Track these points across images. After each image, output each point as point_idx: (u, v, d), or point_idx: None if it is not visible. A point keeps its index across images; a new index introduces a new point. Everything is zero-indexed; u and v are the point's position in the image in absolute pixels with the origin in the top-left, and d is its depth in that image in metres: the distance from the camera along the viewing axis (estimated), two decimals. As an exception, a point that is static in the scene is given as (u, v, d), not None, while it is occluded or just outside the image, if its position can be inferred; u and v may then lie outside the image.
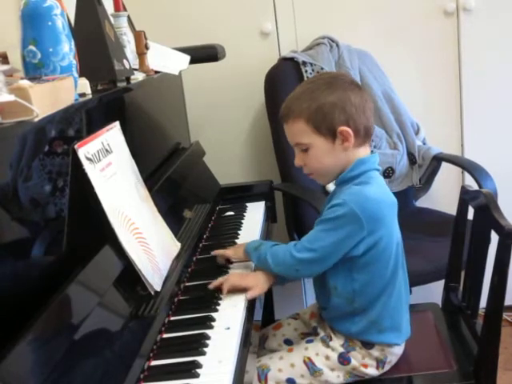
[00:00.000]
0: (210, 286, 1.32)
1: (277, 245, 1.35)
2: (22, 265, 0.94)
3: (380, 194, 1.27)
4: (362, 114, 1.27)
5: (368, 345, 1.32)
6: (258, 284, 1.32)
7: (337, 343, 1.34)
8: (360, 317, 1.31)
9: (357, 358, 1.33)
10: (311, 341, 1.38)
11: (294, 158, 1.34)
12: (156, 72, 1.73)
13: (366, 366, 1.33)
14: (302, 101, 1.28)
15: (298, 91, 1.32)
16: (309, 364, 1.33)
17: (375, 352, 1.33)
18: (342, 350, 1.33)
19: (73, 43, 1.16)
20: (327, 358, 1.33)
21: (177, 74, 1.82)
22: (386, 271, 1.29)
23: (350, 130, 1.25)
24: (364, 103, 1.28)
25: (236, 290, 1.30)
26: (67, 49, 1.13)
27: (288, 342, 1.49)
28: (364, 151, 1.31)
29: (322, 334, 1.38)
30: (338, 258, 1.26)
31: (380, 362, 1.33)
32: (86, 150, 1.13)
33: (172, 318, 1.23)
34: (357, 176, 1.28)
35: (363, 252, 1.25)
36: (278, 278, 1.37)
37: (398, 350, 1.36)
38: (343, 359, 1.33)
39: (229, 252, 1.46)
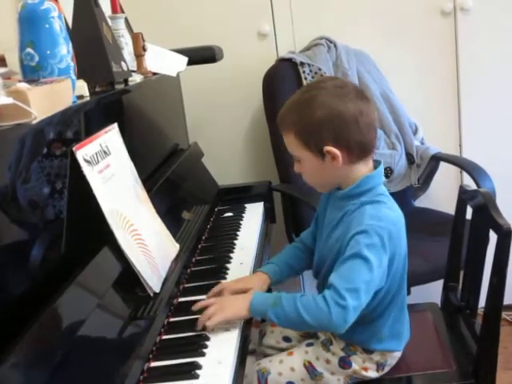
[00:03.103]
0: (208, 297, 1.26)
1: (303, 295, 1.19)
2: (20, 267, 0.94)
3: (396, 213, 1.22)
4: (356, 130, 1.17)
5: (368, 350, 1.31)
6: (254, 288, 1.26)
7: (337, 347, 1.32)
8: (363, 327, 1.27)
9: (357, 362, 1.31)
10: (311, 344, 1.37)
11: (292, 159, 1.33)
12: (154, 74, 1.73)
13: (366, 369, 1.32)
14: (293, 113, 1.21)
15: (291, 100, 1.24)
16: (309, 368, 1.32)
17: (376, 356, 1.32)
18: (342, 354, 1.32)
19: (70, 45, 1.16)
20: (328, 361, 1.32)
21: (175, 75, 1.82)
22: (394, 285, 1.26)
23: (336, 151, 1.17)
24: (358, 117, 1.17)
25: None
26: (65, 51, 1.13)
27: (286, 339, 1.47)
28: (365, 166, 1.23)
29: (322, 337, 1.37)
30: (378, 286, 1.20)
31: (380, 365, 1.33)
32: (84, 152, 1.13)
33: (171, 320, 1.24)
34: (364, 192, 1.21)
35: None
36: (274, 279, 1.36)
37: (399, 354, 1.35)
38: (344, 363, 1.31)
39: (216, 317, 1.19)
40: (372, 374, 1.33)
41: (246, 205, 1.97)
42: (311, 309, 1.15)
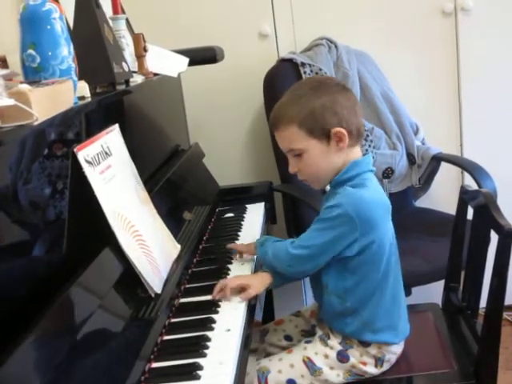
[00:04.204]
0: (214, 296, 1.30)
1: (280, 241, 1.39)
2: (22, 267, 0.94)
3: (375, 196, 1.28)
4: (353, 115, 1.29)
5: (364, 343, 1.33)
6: (254, 284, 1.32)
7: (335, 341, 1.34)
8: (352, 318, 1.32)
9: (355, 356, 1.33)
10: (310, 341, 1.39)
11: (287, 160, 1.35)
12: (155, 74, 1.73)
13: (364, 363, 1.34)
14: (292, 106, 1.29)
15: (285, 99, 1.33)
16: (308, 364, 1.34)
17: (372, 350, 1.33)
18: (340, 347, 1.34)
19: (72, 46, 1.16)
20: (326, 356, 1.34)
21: (176, 76, 1.82)
22: (378, 272, 1.29)
23: (344, 131, 1.26)
24: (353, 104, 1.30)
25: (235, 292, 1.31)
26: (66, 52, 1.13)
27: (288, 338, 1.50)
28: (357, 152, 1.32)
29: (320, 332, 1.39)
30: (329, 257, 1.28)
31: (378, 360, 1.34)
32: (85, 153, 1.13)
33: (172, 320, 1.24)
34: (351, 178, 1.29)
35: (356, 253, 1.26)
36: (275, 281, 1.37)
37: (397, 349, 1.36)
38: (342, 357, 1.33)
39: (242, 247, 1.53)
40: (371, 369, 1.34)
41: (246, 205, 1.98)
42: (274, 250, 1.36)
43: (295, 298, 2.44)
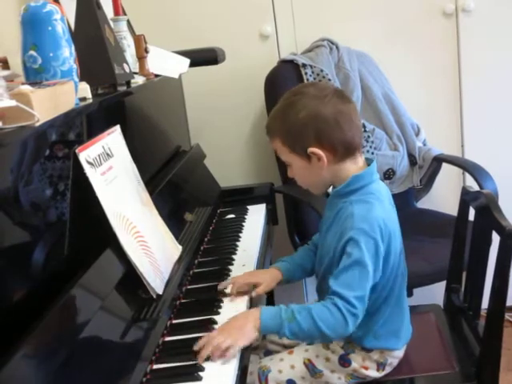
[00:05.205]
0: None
1: (314, 307, 1.19)
2: (23, 268, 0.94)
3: (386, 213, 1.22)
4: (337, 129, 1.20)
5: (367, 348, 1.32)
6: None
7: (337, 345, 1.33)
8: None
9: (357, 361, 1.32)
10: (311, 343, 1.38)
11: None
12: (156, 75, 1.73)
13: (366, 368, 1.33)
14: (276, 121, 1.26)
15: (275, 108, 1.28)
16: (309, 366, 1.33)
17: (374, 355, 1.32)
18: (342, 352, 1.33)
19: (73, 48, 1.17)
20: (327, 359, 1.33)
21: (177, 77, 1.83)
22: (389, 283, 1.27)
23: (320, 151, 1.20)
24: (338, 116, 1.20)
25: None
26: (67, 53, 1.14)
27: None
28: (353, 165, 1.24)
29: None
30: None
31: (380, 365, 1.33)
32: (86, 154, 1.13)
33: (174, 321, 1.24)
34: (354, 191, 1.23)
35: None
36: (287, 276, 1.38)
37: (399, 353, 1.35)
38: (343, 361, 1.32)
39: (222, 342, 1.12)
40: (373, 373, 1.33)
41: (248, 206, 1.98)
42: (328, 320, 1.17)
43: (296, 296, 2.44)
